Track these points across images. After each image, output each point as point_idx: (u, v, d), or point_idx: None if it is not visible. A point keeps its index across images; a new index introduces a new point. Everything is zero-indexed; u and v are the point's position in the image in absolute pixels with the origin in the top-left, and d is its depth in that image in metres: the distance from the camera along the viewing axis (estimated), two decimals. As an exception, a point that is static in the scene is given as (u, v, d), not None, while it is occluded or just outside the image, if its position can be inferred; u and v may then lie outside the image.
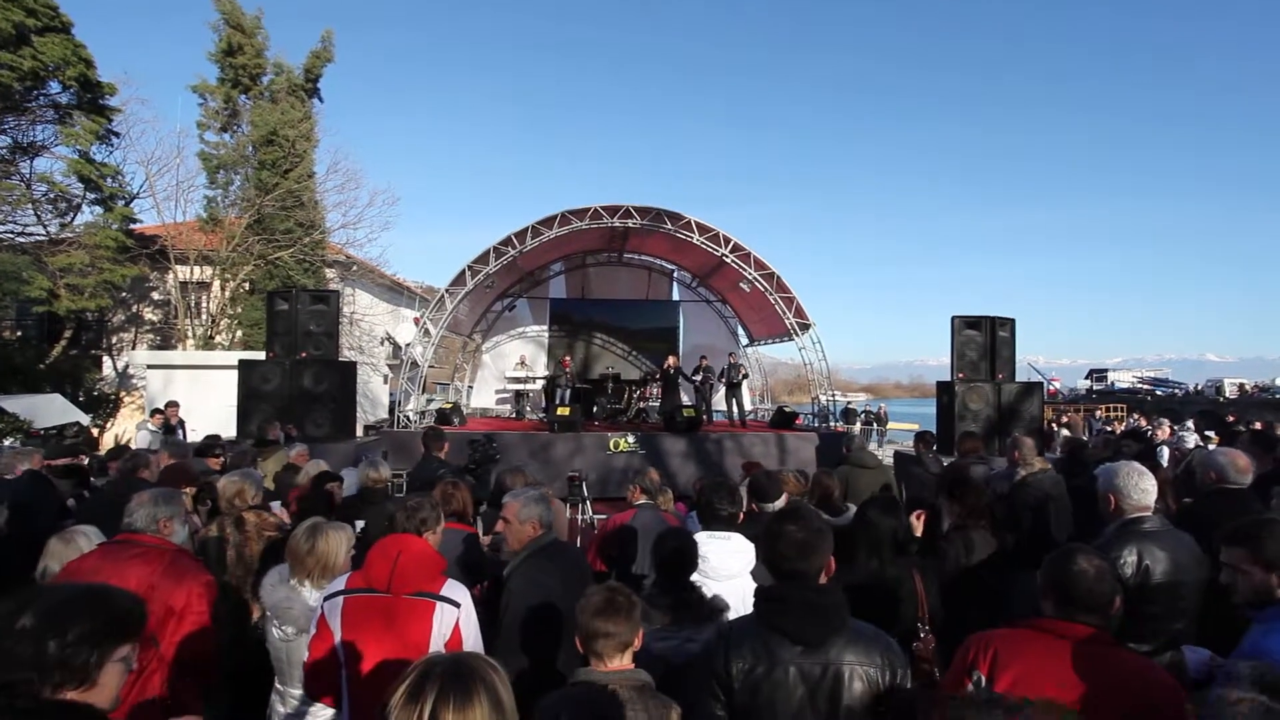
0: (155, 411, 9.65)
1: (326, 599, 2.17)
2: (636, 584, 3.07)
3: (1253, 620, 1.90)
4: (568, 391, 13.56)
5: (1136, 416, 23.06)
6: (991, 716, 1.12)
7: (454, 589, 2.20)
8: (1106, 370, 54.74)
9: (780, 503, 3.61)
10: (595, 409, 14.55)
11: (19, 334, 16.38)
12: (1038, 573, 1.94)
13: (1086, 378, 53.79)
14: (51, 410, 10.41)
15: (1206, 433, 11.67)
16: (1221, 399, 38.71)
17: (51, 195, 15.73)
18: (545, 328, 17.31)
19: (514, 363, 16.14)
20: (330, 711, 2.32)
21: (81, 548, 2.65)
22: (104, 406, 15.63)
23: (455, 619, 2.14)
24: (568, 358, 15.03)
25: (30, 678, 1.25)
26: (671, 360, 13.94)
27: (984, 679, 1.82)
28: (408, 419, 12.36)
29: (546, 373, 15.83)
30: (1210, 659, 1.97)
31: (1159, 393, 45.56)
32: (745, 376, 14.24)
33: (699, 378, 13.61)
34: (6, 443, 9.42)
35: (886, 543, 2.70)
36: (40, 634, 1.29)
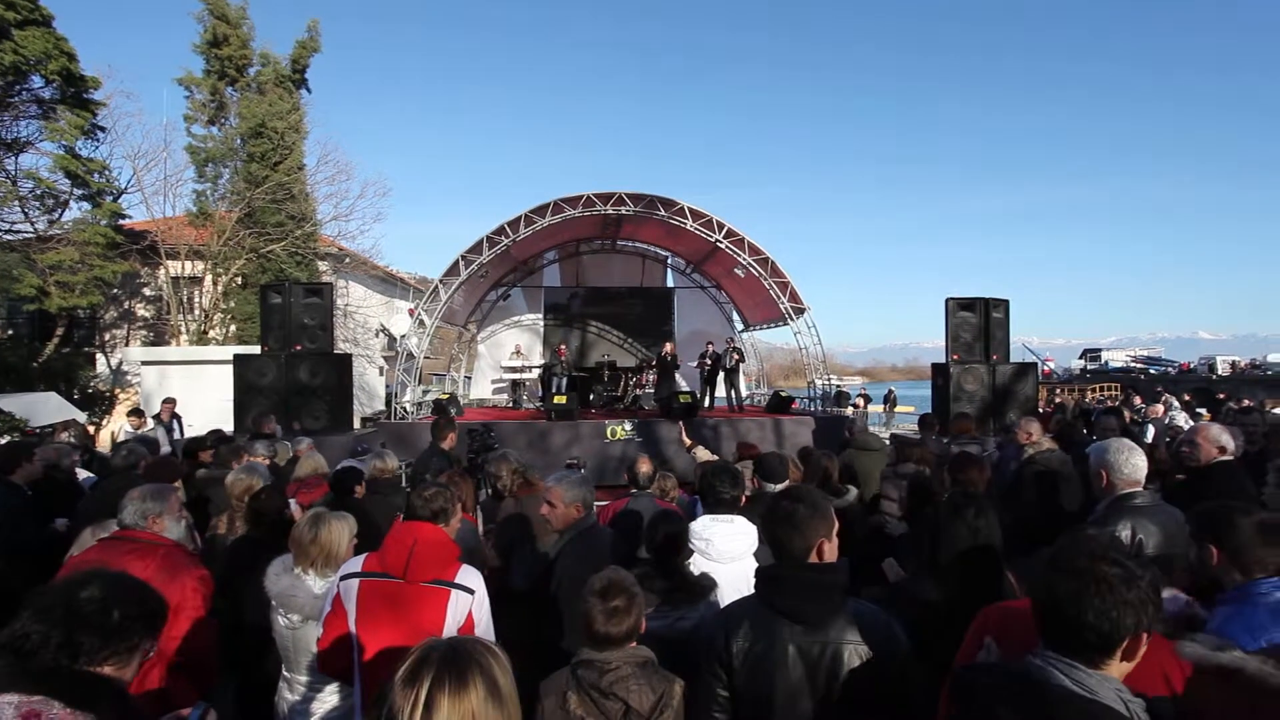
0: (133, 413, 9.54)
1: (343, 579, 2.19)
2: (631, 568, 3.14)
3: (1215, 605, 1.91)
4: (564, 380, 13.56)
5: (1129, 392, 23.19)
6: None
7: (468, 576, 2.22)
8: (1100, 350, 54.92)
9: (783, 486, 3.64)
10: (592, 397, 14.57)
11: (10, 332, 16.28)
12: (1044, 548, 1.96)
13: (1080, 358, 53.97)
14: (47, 408, 10.38)
15: (1199, 410, 11.78)
16: (1214, 376, 38.94)
17: (38, 192, 15.56)
18: (540, 316, 17.28)
19: (510, 352, 16.13)
20: (336, 697, 2.35)
21: None
22: (99, 404, 15.59)
23: (469, 606, 2.16)
24: (563, 346, 15.03)
25: (93, 642, 1.36)
26: (669, 347, 13.96)
27: (994, 644, 1.86)
28: (405, 410, 12.37)
29: (542, 361, 15.82)
30: (1188, 603, 2.01)
31: (1152, 371, 45.80)
32: (741, 360, 14.27)
33: (708, 363, 13.66)
34: (2, 441, 9.38)
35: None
36: (106, 603, 1.40)
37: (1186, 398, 14.24)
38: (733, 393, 13.75)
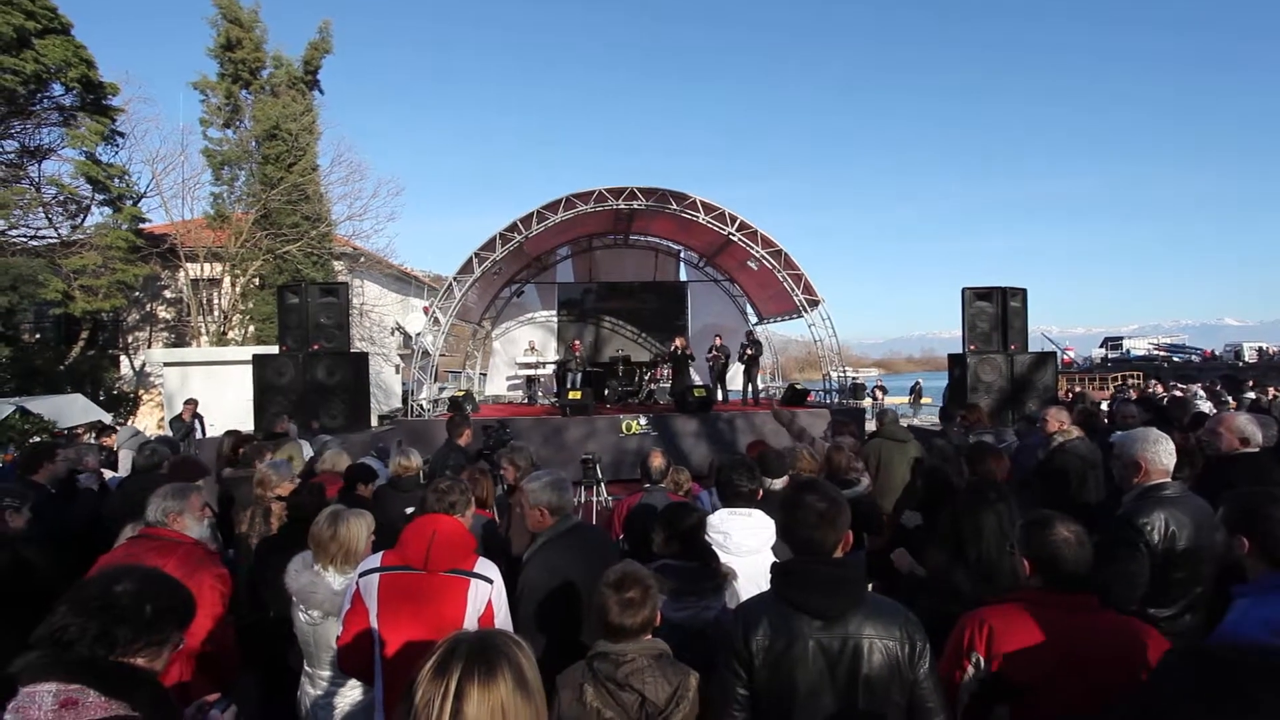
0: (103, 433, 9.53)
1: (362, 575, 2.20)
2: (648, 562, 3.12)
3: (1233, 596, 1.85)
4: (579, 375, 13.59)
5: (1154, 383, 22.81)
6: None
7: (486, 566, 2.24)
8: (1122, 338, 54.00)
9: (782, 481, 3.62)
10: (607, 392, 14.58)
11: (38, 336, 16.63)
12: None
13: (1101, 346, 53.09)
14: (74, 410, 10.61)
15: (1225, 399, 11.54)
16: (1241, 364, 38.17)
17: (61, 198, 15.89)
18: (554, 312, 17.32)
19: (524, 348, 16.20)
20: (358, 691, 2.37)
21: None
22: (124, 405, 15.92)
23: (488, 595, 2.18)
24: (577, 341, 15.05)
25: (128, 634, 1.42)
26: (679, 341, 13.91)
27: (982, 660, 1.83)
28: (421, 408, 12.46)
29: (557, 357, 15.86)
30: None
31: (1176, 359, 44.99)
32: (759, 353, 14.17)
33: (719, 358, 13.61)
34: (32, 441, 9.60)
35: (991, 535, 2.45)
36: (140, 597, 1.46)
37: (1216, 386, 13.96)
38: (750, 386, 13.70)
